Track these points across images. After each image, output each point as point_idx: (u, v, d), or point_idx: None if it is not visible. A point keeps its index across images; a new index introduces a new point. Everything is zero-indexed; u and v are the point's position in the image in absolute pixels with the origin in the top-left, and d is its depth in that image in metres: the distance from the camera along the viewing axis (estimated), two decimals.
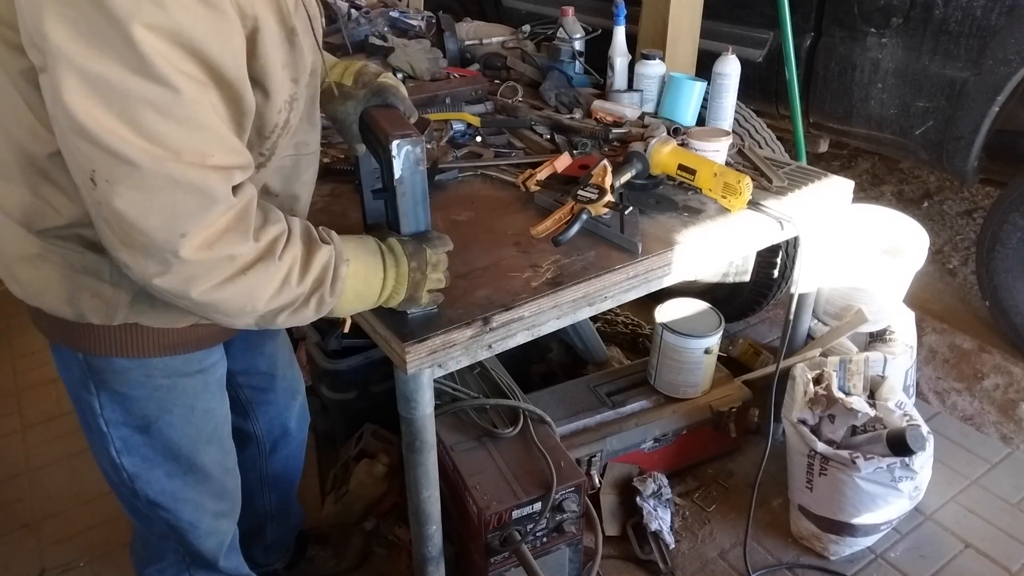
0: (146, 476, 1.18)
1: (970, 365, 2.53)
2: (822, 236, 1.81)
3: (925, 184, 3.79)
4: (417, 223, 1.18)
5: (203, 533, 1.28)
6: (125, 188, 0.79)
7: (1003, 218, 2.43)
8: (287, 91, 0.96)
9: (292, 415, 1.58)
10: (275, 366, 1.48)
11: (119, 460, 1.15)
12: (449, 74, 2.31)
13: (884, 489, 1.72)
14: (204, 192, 0.82)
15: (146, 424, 1.13)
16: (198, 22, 0.77)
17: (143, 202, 0.80)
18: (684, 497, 2.03)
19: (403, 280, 1.12)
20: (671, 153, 1.67)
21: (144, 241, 0.82)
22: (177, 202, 0.81)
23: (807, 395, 1.84)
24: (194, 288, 0.87)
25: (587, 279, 1.37)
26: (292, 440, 1.60)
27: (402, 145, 1.11)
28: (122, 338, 1.04)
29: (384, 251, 1.11)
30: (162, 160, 0.78)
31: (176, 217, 0.81)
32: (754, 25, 2.78)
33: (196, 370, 1.15)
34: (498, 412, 1.74)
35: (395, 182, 1.13)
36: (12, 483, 2.19)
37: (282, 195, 1.13)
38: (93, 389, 1.09)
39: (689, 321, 2.02)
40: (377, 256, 1.10)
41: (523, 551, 1.53)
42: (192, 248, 0.83)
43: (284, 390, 1.53)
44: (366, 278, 1.08)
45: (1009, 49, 2.18)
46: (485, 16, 3.68)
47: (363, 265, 1.08)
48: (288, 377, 1.54)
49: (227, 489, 1.31)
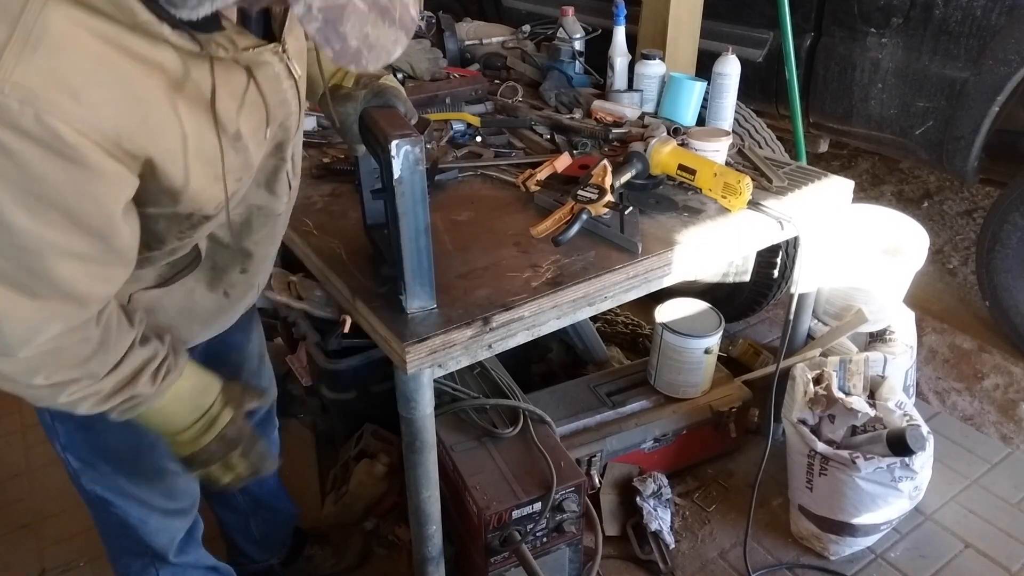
0: (90, 472, 1.19)
1: (970, 365, 2.53)
2: (822, 236, 1.81)
3: (925, 184, 3.79)
4: (416, 223, 1.18)
5: (153, 530, 1.28)
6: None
7: (1003, 218, 2.43)
8: (223, 194, 0.93)
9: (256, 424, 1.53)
10: (239, 375, 1.45)
11: (64, 455, 1.18)
12: (449, 74, 2.31)
13: (884, 489, 1.72)
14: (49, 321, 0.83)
15: (88, 422, 1.10)
16: (59, 191, 0.76)
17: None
18: (684, 497, 2.03)
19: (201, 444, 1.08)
20: (671, 153, 1.67)
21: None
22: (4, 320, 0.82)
23: (807, 395, 1.84)
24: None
25: (587, 279, 1.37)
26: None
27: (401, 145, 1.11)
28: None
29: (212, 412, 1.08)
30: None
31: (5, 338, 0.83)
32: (754, 25, 2.77)
33: None
34: (498, 412, 1.74)
35: (394, 182, 1.13)
36: (12, 483, 2.19)
37: (232, 247, 1.11)
38: None
39: (689, 321, 2.02)
40: (198, 412, 1.07)
41: (523, 551, 1.53)
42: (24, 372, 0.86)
43: None
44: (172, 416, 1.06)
45: (1009, 49, 2.18)
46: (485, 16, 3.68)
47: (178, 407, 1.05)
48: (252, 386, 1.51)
49: (178, 489, 1.29)
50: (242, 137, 0.91)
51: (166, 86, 0.80)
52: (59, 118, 0.71)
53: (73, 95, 0.72)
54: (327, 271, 1.45)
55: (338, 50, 0.71)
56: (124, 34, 0.74)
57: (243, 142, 0.92)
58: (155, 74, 0.78)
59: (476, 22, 2.78)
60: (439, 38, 2.48)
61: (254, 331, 1.49)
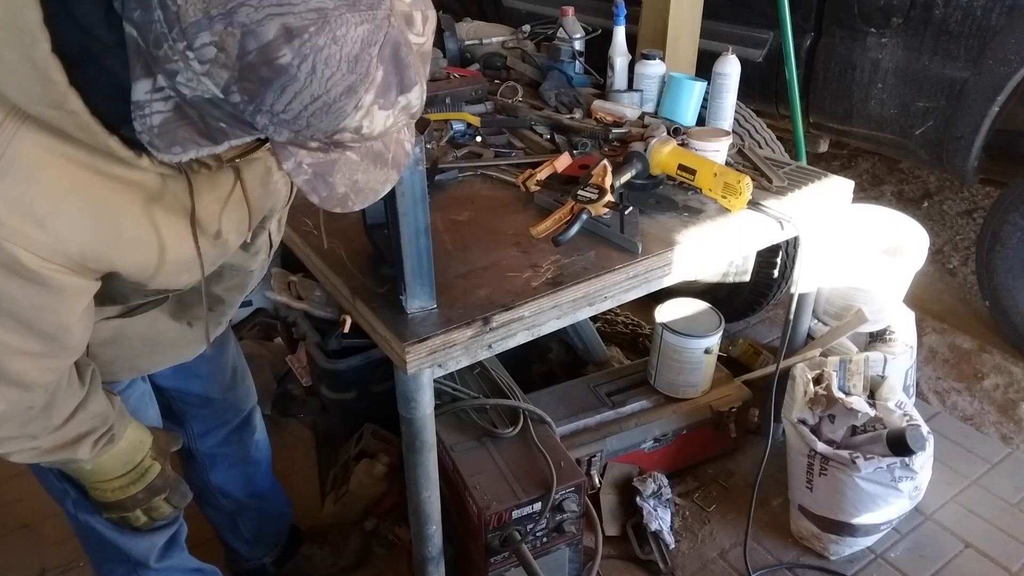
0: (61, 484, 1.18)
1: (970, 365, 2.53)
2: (822, 236, 1.81)
3: (925, 184, 3.78)
4: (416, 223, 1.18)
5: (130, 542, 1.27)
6: None
7: (1003, 218, 2.43)
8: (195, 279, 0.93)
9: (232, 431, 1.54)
10: (211, 388, 1.45)
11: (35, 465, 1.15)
12: (449, 74, 2.31)
13: (884, 489, 1.72)
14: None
15: None
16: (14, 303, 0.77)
17: None
18: (684, 497, 2.03)
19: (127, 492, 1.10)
20: (671, 153, 1.67)
21: None
22: None
23: (807, 395, 1.84)
24: None
25: (587, 279, 1.37)
26: (234, 454, 1.57)
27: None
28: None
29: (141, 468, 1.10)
30: None
31: None
32: (754, 25, 2.77)
33: None
34: (498, 412, 1.74)
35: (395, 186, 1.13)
36: (12, 483, 2.19)
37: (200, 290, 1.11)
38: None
39: (689, 321, 2.02)
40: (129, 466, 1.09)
41: (523, 551, 1.53)
42: None
43: (223, 410, 1.50)
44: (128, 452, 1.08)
45: (1009, 49, 2.18)
46: (485, 16, 3.68)
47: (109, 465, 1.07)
48: (228, 399, 1.50)
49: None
50: (222, 234, 0.92)
51: (143, 200, 0.80)
52: (21, 245, 0.72)
53: (38, 223, 0.72)
54: (327, 271, 1.45)
55: (325, 197, 0.71)
56: (99, 158, 0.74)
57: (223, 238, 0.92)
58: (133, 191, 0.78)
59: (476, 22, 2.78)
60: (439, 38, 2.48)
61: (227, 344, 1.47)
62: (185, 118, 0.68)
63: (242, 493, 1.63)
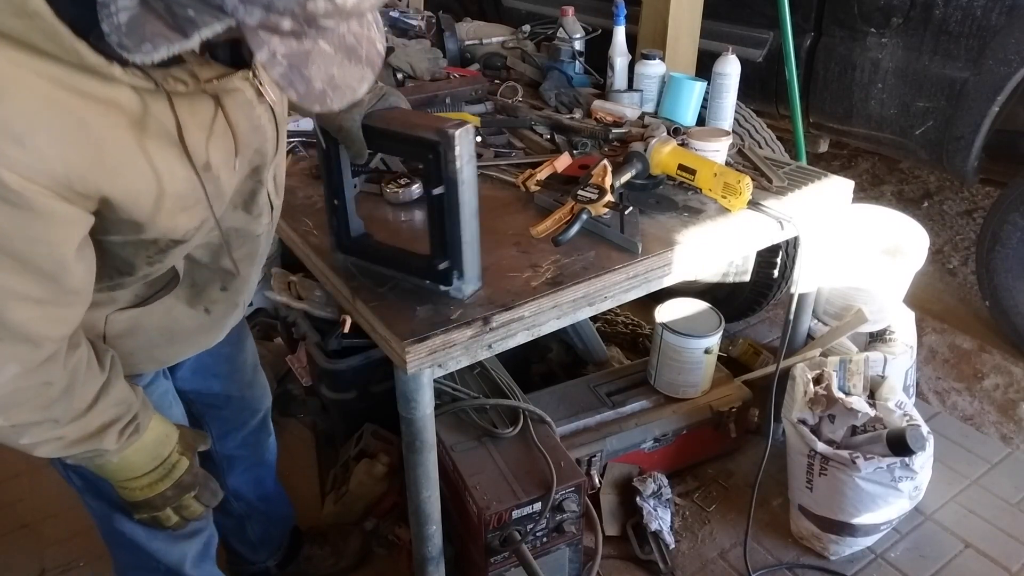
0: (94, 490, 1.17)
1: (970, 365, 2.53)
2: (822, 236, 1.81)
3: (925, 184, 3.79)
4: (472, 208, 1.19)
5: (161, 549, 1.27)
6: None
7: (1003, 218, 2.43)
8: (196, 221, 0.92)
9: (249, 431, 1.54)
10: (230, 387, 1.44)
11: (67, 473, 1.16)
12: (449, 74, 2.31)
13: (884, 489, 1.72)
14: None
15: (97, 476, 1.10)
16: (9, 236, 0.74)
17: None
18: (684, 497, 2.03)
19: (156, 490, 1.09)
20: (671, 153, 1.67)
21: None
22: None
23: (807, 395, 1.84)
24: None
25: (587, 279, 1.37)
26: (250, 456, 1.58)
27: (463, 135, 1.11)
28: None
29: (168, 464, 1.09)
30: None
31: None
32: (754, 25, 2.78)
33: None
34: (498, 412, 1.74)
35: (456, 172, 1.13)
36: (12, 483, 2.19)
37: (211, 267, 1.10)
38: None
39: (689, 321, 2.02)
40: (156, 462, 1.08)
41: (523, 551, 1.53)
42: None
43: (241, 409, 1.50)
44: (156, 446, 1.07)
45: (1009, 49, 2.18)
46: (485, 16, 3.68)
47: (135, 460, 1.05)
48: (246, 397, 1.50)
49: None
50: (211, 167, 0.89)
51: (128, 125, 0.78)
52: (3, 165, 0.70)
53: (17, 141, 0.70)
54: (327, 271, 1.45)
55: (303, 93, 0.70)
56: (73, 74, 0.72)
57: (213, 172, 0.90)
58: (112, 112, 0.76)
59: (476, 22, 2.78)
60: (439, 38, 2.48)
61: (246, 342, 1.48)
62: (152, 12, 0.66)
63: (253, 496, 1.63)
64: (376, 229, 1.44)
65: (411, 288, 1.33)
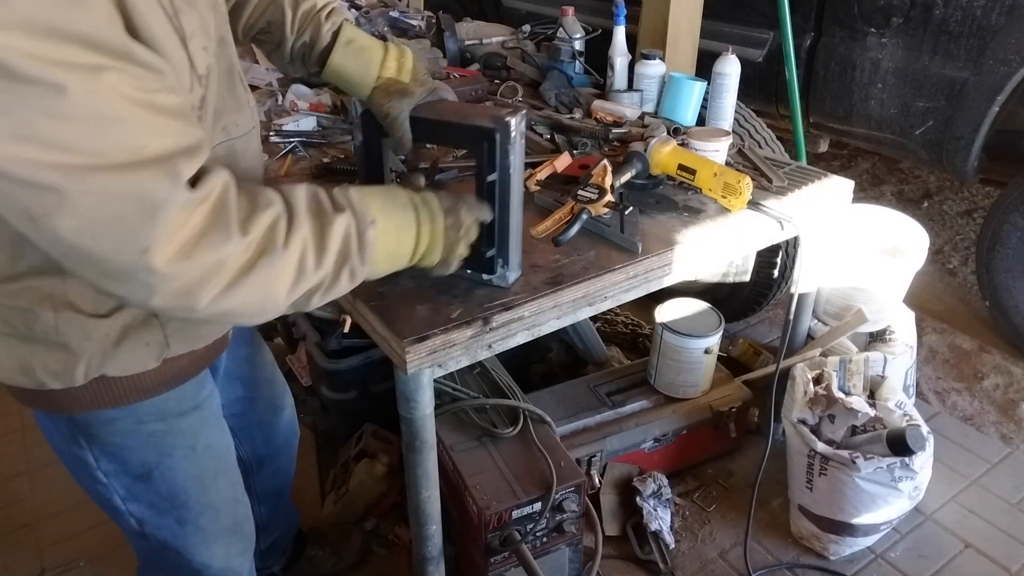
0: (155, 521, 1.13)
1: (970, 365, 2.53)
2: (822, 236, 1.81)
3: (925, 184, 3.79)
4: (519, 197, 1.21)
5: (217, 570, 1.24)
6: (61, 219, 0.69)
7: (1003, 218, 2.43)
8: (201, 63, 0.84)
9: (277, 433, 1.53)
10: (253, 388, 1.43)
11: (124, 507, 1.11)
12: (449, 74, 2.31)
13: (884, 489, 1.72)
14: (143, 196, 0.70)
15: (147, 471, 1.07)
16: (44, 3, 0.64)
17: (86, 226, 0.70)
18: (684, 497, 2.03)
19: (438, 239, 1.04)
20: (671, 153, 1.67)
21: (111, 268, 0.74)
22: (120, 217, 0.70)
23: (807, 395, 1.84)
24: (197, 302, 0.78)
25: (587, 279, 1.37)
26: (279, 458, 1.57)
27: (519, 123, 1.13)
28: (95, 393, 0.97)
29: (417, 204, 1.02)
30: (83, 172, 0.67)
31: (127, 233, 0.71)
32: (754, 25, 2.78)
33: (191, 407, 1.09)
34: (498, 412, 1.74)
35: (510, 160, 1.15)
36: (12, 483, 2.19)
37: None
38: (84, 443, 1.03)
39: (689, 321, 2.02)
40: (409, 210, 1.01)
41: (523, 551, 1.53)
42: (164, 261, 0.73)
43: (265, 409, 1.49)
44: (398, 235, 0.99)
45: (1009, 49, 2.18)
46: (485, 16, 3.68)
47: (393, 222, 0.98)
48: (267, 396, 1.49)
49: (239, 521, 1.26)
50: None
51: None
52: None
53: None
54: None
55: None
56: None
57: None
58: None
59: (476, 22, 2.78)
60: (439, 38, 2.48)
61: (261, 342, 1.49)
62: None
63: (272, 501, 1.62)
64: None
65: (411, 287, 1.33)
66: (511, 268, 1.29)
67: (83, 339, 0.92)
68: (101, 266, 0.74)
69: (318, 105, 2.09)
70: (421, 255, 1.05)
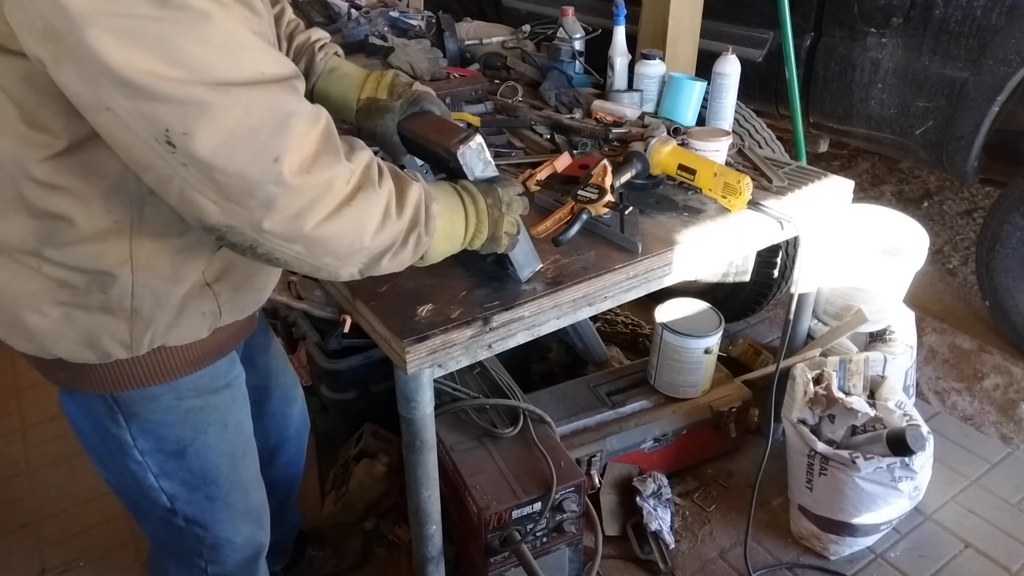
0: (186, 497, 1.17)
1: (970, 365, 2.53)
2: (822, 236, 1.81)
3: (925, 184, 3.79)
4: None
5: (239, 547, 1.28)
6: (203, 133, 0.75)
7: (1003, 218, 2.43)
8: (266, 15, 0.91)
9: (289, 423, 1.56)
10: (268, 377, 1.46)
11: (158, 483, 1.14)
12: (449, 74, 2.31)
13: (884, 489, 1.72)
14: (276, 107, 0.80)
15: (181, 448, 1.12)
16: None
17: (226, 140, 0.77)
18: (684, 497, 2.03)
19: (483, 218, 1.11)
20: (671, 153, 1.67)
21: (241, 184, 0.79)
22: (257, 128, 0.78)
23: (807, 395, 1.84)
24: (305, 223, 0.84)
25: (587, 279, 1.37)
26: (290, 447, 1.59)
27: (466, 151, 1.12)
28: (150, 366, 1.03)
29: (459, 189, 1.11)
30: (223, 90, 0.76)
31: (262, 143, 0.79)
32: (754, 25, 2.78)
33: (223, 384, 1.15)
34: (498, 412, 1.74)
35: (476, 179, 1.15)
36: (12, 483, 2.19)
37: None
38: (123, 423, 1.07)
39: (689, 321, 2.02)
40: (455, 195, 1.10)
41: (523, 551, 1.53)
42: (291, 172, 0.80)
43: (279, 399, 1.52)
44: (451, 217, 1.08)
45: (1009, 49, 2.18)
46: (485, 16, 3.68)
47: (446, 205, 1.07)
48: (283, 386, 1.52)
49: (261, 500, 1.31)
50: None
51: None
52: None
53: None
54: None
55: None
56: None
57: None
58: None
59: (476, 22, 2.78)
60: (439, 38, 2.48)
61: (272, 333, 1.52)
62: None
63: (282, 494, 1.64)
64: None
65: (411, 287, 1.34)
66: (522, 267, 1.30)
67: (155, 305, 0.97)
68: (231, 184, 0.79)
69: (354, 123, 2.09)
70: (471, 237, 1.12)
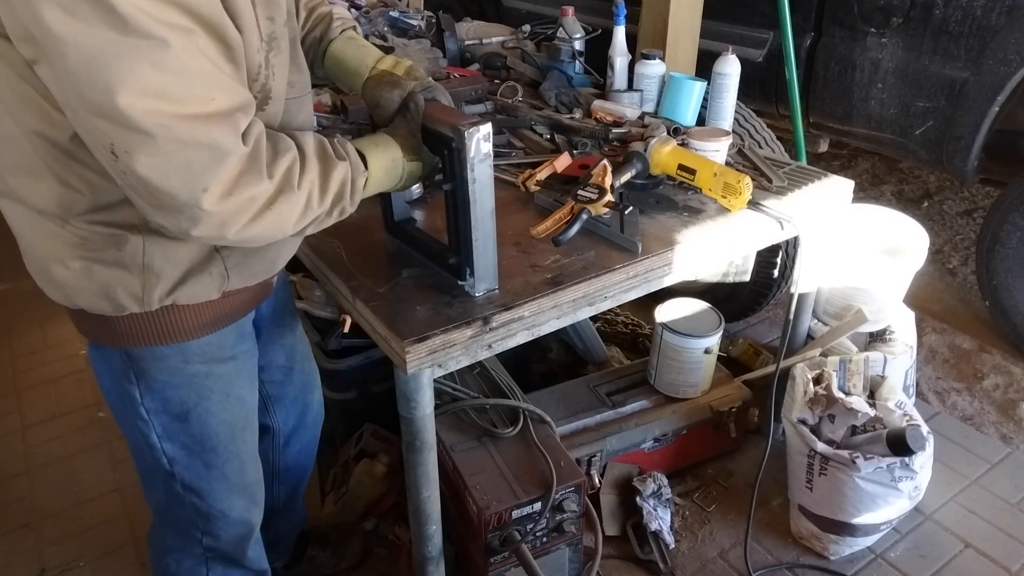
0: (185, 461, 1.22)
1: (970, 365, 2.53)
2: (822, 236, 1.81)
3: (925, 184, 3.79)
4: (485, 208, 1.20)
5: (233, 521, 1.31)
6: (143, 156, 0.83)
7: (1003, 218, 2.43)
8: (264, 29, 0.96)
9: (310, 409, 1.60)
10: (293, 359, 1.51)
11: (160, 444, 1.19)
12: (449, 74, 2.31)
13: (884, 489, 1.72)
14: (214, 147, 0.86)
15: (184, 411, 1.17)
16: None
17: (161, 166, 0.84)
18: (684, 497, 2.03)
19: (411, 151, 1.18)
20: (671, 153, 1.67)
21: (171, 201, 0.87)
22: (192, 160, 0.85)
23: (807, 395, 1.84)
24: (227, 232, 0.93)
25: (587, 279, 1.37)
26: (306, 434, 1.63)
27: (473, 133, 1.13)
28: (162, 324, 1.09)
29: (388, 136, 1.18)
30: (169, 122, 0.82)
31: (194, 174, 0.86)
32: (754, 25, 2.78)
33: (229, 356, 1.19)
34: (498, 412, 1.74)
35: (467, 170, 1.15)
36: (12, 483, 2.19)
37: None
38: (133, 379, 1.14)
39: (689, 321, 2.02)
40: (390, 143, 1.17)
41: (523, 551, 1.53)
42: (214, 200, 0.88)
43: (301, 384, 1.56)
44: (385, 180, 1.16)
45: (1009, 49, 2.18)
46: (485, 16, 3.68)
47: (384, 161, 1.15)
48: (306, 371, 1.57)
49: (258, 478, 1.36)
50: None
51: None
52: None
53: None
54: (327, 271, 1.45)
55: None
56: None
57: None
58: None
59: (476, 22, 2.78)
60: (439, 38, 2.48)
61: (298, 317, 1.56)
62: None
63: (292, 483, 1.67)
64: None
65: (411, 287, 1.34)
66: (479, 278, 1.29)
67: (164, 262, 1.04)
68: (159, 199, 0.87)
69: (318, 104, 2.09)
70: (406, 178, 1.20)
